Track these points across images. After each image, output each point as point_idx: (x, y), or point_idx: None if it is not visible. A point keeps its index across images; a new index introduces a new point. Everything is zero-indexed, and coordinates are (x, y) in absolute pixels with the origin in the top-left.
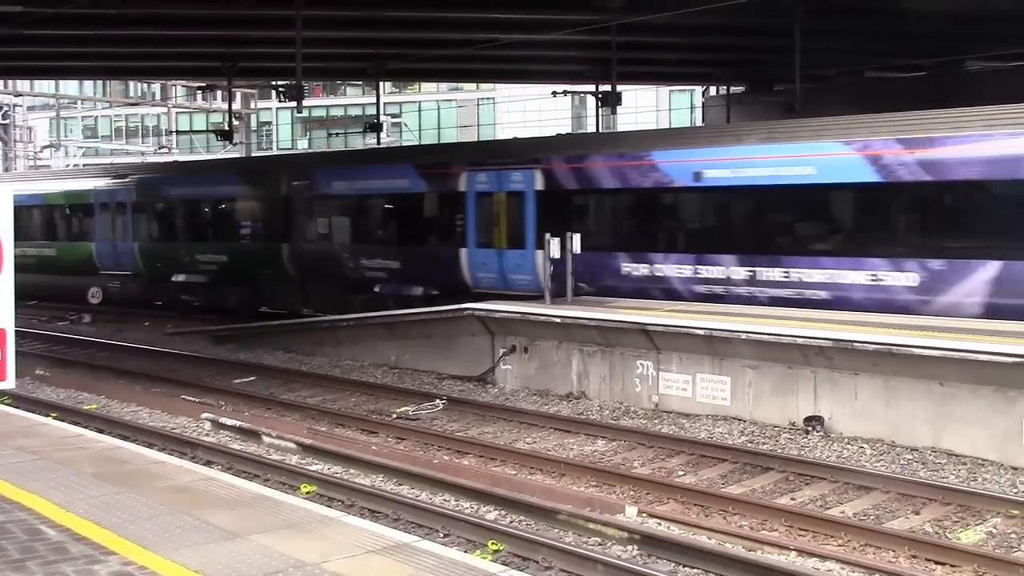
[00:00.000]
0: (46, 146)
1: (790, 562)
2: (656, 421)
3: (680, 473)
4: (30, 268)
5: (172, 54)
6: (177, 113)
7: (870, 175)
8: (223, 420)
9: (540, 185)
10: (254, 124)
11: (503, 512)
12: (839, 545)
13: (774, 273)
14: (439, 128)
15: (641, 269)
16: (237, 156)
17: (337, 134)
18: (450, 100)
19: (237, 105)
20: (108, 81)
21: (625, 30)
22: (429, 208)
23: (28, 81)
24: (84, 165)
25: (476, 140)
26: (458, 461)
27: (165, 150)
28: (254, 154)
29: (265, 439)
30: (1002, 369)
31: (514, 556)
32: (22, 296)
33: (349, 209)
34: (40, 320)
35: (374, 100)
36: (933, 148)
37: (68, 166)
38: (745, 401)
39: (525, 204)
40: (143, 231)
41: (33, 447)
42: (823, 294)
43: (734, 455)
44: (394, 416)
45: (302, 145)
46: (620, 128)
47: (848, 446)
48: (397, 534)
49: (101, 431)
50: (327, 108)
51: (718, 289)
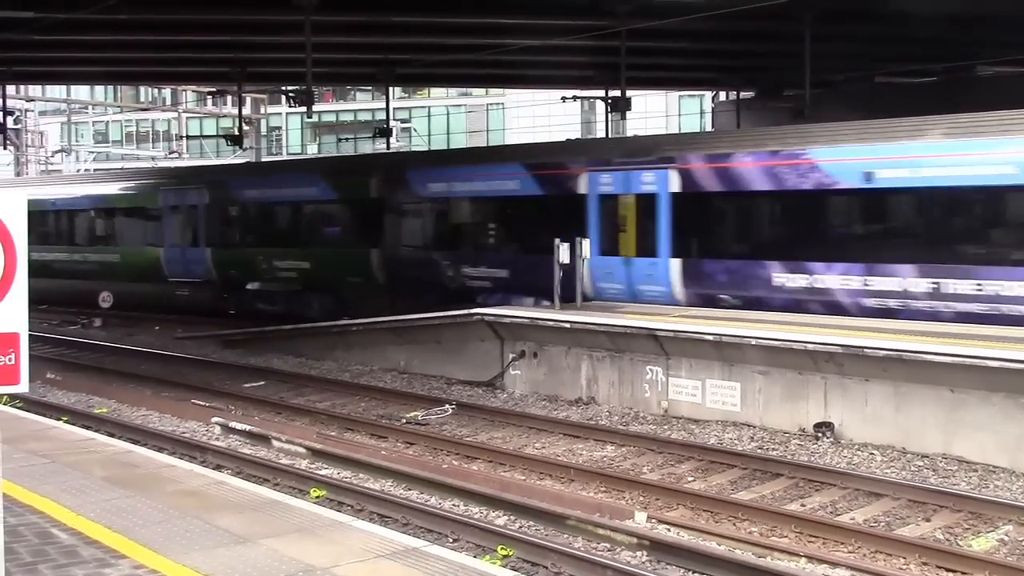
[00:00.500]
0: (57, 151)
1: (800, 568)
2: (665, 427)
3: (689, 479)
4: (91, 275)
5: (182, 59)
6: (187, 118)
7: None
8: (233, 424)
9: (675, 187)
10: (264, 129)
11: (512, 517)
12: (849, 552)
13: (963, 286)
14: (448, 133)
15: (797, 280)
16: (323, 156)
17: (347, 139)
18: (460, 105)
19: (247, 110)
20: (119, 86)
21: (634, 35)
22: (542, 212)
23: (40, 86)
24: (157, 166)
25: (597, 137)
26: (467, 466)
27: (175, 155)
28: (264, 159)
29: (275, 443)
30: (1013, 375)
31: (523, 561)
32: (81, 303)
33: (449, 213)
34: (51, 324)
35: (384, 105)
36: None
37: (79, 171)
38: (755, 407)
39: (657, 208)
40: (216, 236)
41: (44, 451)
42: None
43: (744, 461)
44: (403, 421)
45: (312, 150)
46: (629, 133)
47: (858, 452)
48: (407, 539)
49: (112, 435)
50: (337, 113)
51: (892, 303)
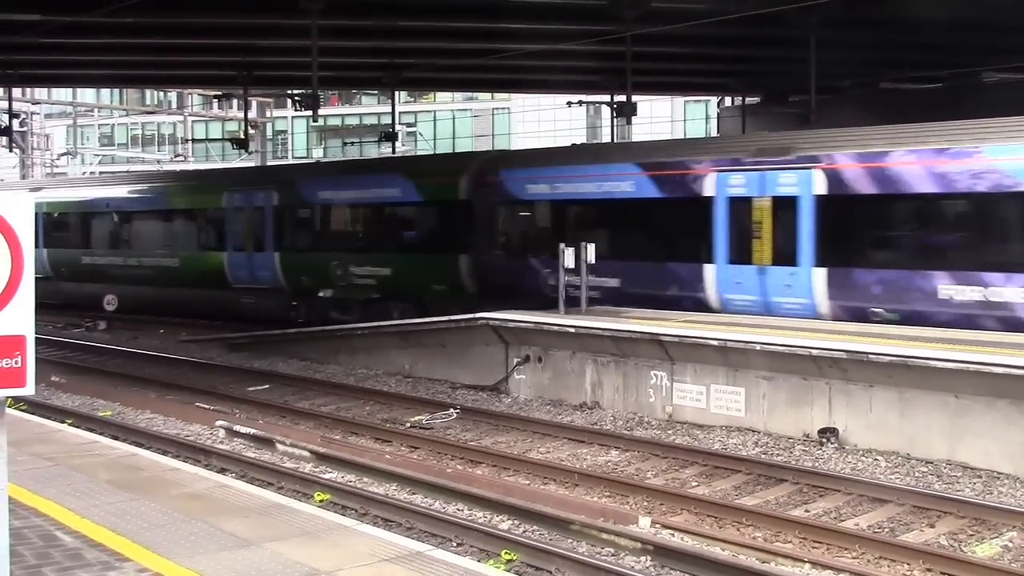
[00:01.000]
0: (63, 153)
1: (804, 574)
2: (670, 432)
3: (694, 484)
4: (148, 280)
5: (188, 63)
6: (193, 121)
7: None
8: (237, 428)
9: (820, 188)
10: (270, 133)
11: (516, 522)
12: (853, 558)
13: None
14: (454, 138)
15: (968, 293)
16: (407, 155)
17: (352, 143)
18: (465, 109)
19: (253, 114)
20: (124, 89)
21: (640, 40)
22: (659, 215)
23: (46, 89)
24: (227, 167)
25: (722, 135)
26: (471, 470)
27: (181, 158)
28: (270, 163)
29: (279, 447)
30: (1018, 382)
31: (527, 566)
32: (134, 310)
33: (549, 216)
34: (56, 327)
35: (389, 109)
36: None
37: (84, 173)
38: (759, 412)
39: (798, 211)
40: (286, 240)
41: (49, 453)
42: None
43: (748, 466)
44: (408, 425)
45: (317, 154)
46: (635, 138)
47: (863, 458)
48: (411, 543)
49: (116, 438)
50: (342, 117)
51: None
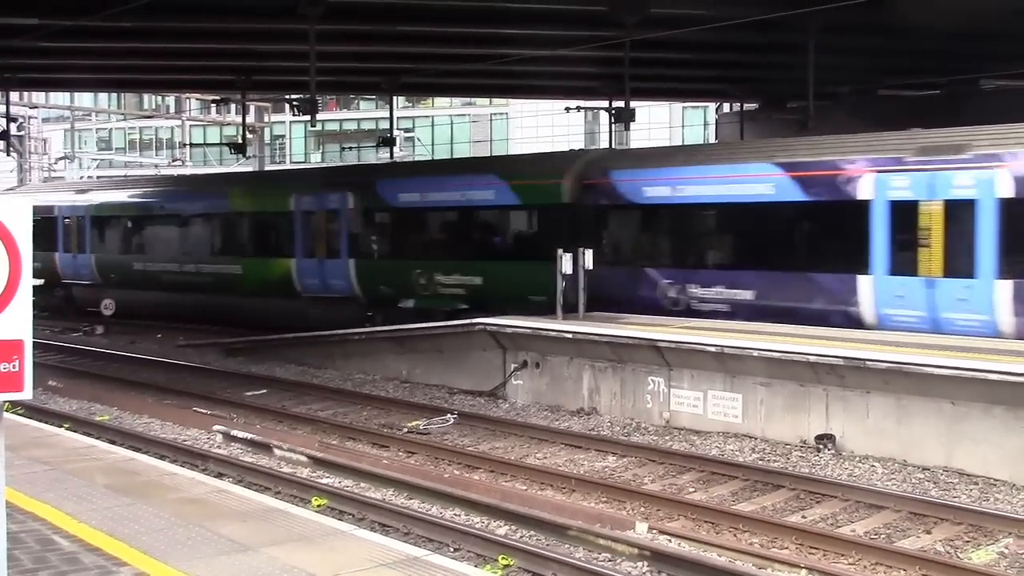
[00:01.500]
0: (60, 158)
1: None
2: (667, 438)
3: (691, 490)
4: (207, 288)
5: (186, 67)
6: (191, 126)
7: None
8: (235, 432)
9: (1005, 190)
10: (268, 137)
11: (513, 527)
12: (850, 563)
13: None
14: (452, 143)
15: None
16: (501, 155)
17: (350, 148)
18: (463, 115)
19: (251, 118)
20: (123, 93)
21: (639, 46)
22: (803, 221)
23: (43, 93)
24: (299, 168)
25: (876, 133)
26: (469, 476)
27: (179, 162)
28: (267, 167)
29: (276, 452)
30: (1014, 388)
31: (524, 571)
32: (196, 320)
33: (669, 221)
34: (53, 331)
35: (387, 114)
36: None
37: (81, 178)
38: (756, 418)
39: (976, 217)
40: (363, 246)
41: (46, 458)
42: None
43: (745, 472)
44: (405, 430)
45: (315, 159)
46: (633, 144)
47: (860, 464)
48: (408, 548)
49: (113, 442)
50: (340, 122)
51: None
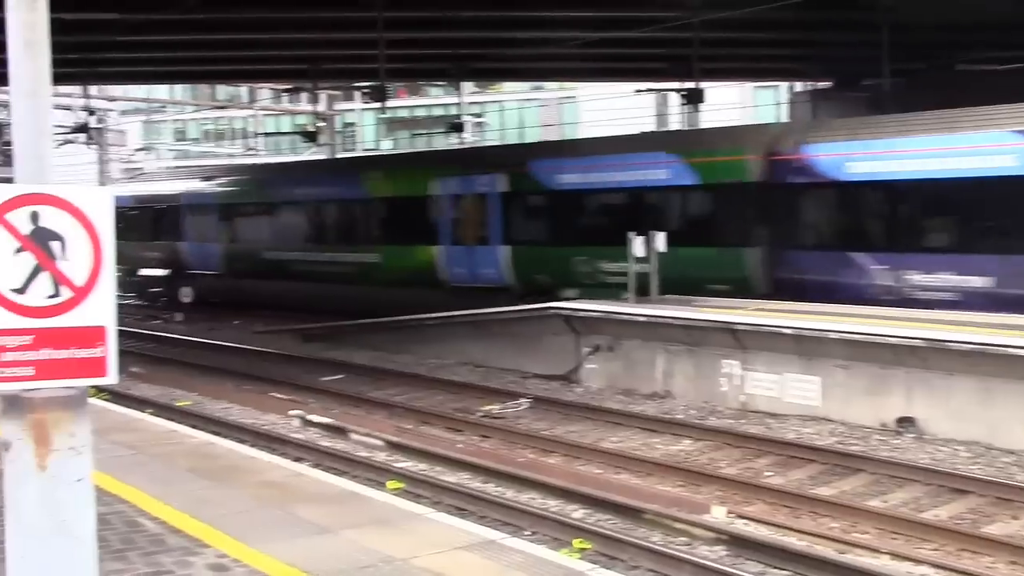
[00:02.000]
0: (138, 149)
1: (882, 565)
2: (743, 421)
3: (768, 474)
4: (342, 278)
5: (258, 57)
6: (263, 116)
7: None
8: (311, 417)
9: None
10: (338, 126)
11: (589, 511)
12: (933, 549)
13: None
14: (521, 127)
15: None
16: (675, 129)
17: (420, 135)
18: (532, 99)
19: (322, 107)
20: (197, 85)
21: (708, 26)
22: None
23: (121, 86)
24: (438, 149)
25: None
26: (544, 460)
27: (252, 152)
28: (338, 156)
29: (352, 436)
30: None
31: (600, 555)
32: (331, 312)
33: (878, 201)
34: (135, 319)
35: (457, 100)
36: None
37: (159, 169)
38: (835, 401)
39: None
40: (517, 231)
41: (131, 442)
42: None
43: (823, 456)
44: (479, 414)
45: (385, 146)
46: (703, 125)
47: (942, 448)
48: (484, 531)
49: (195, 427)
50: (410, 109)
51: None
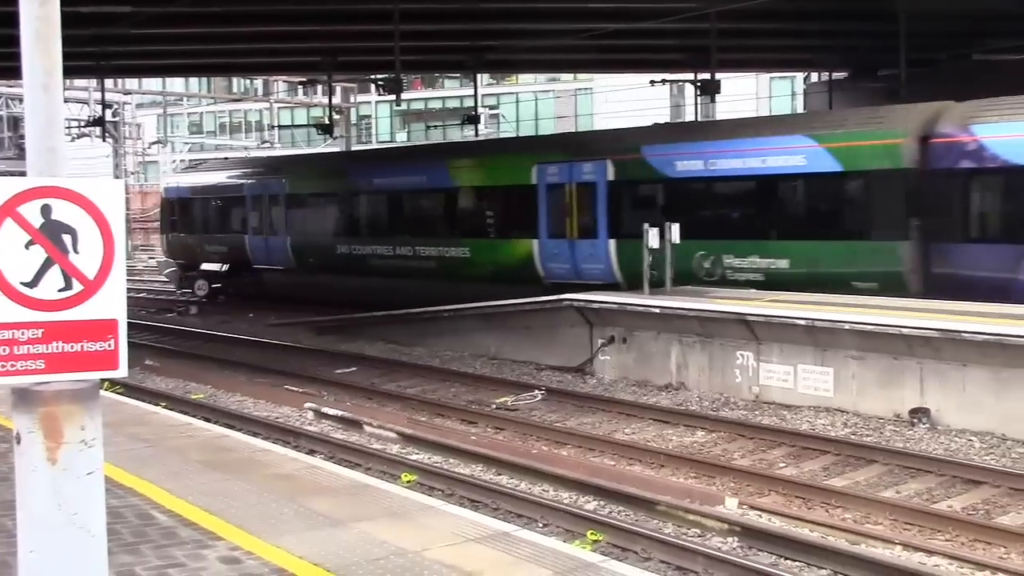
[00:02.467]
0: (154, 142)
1: (895, 556)
2: (756, 412)
3: (781, 465)
4: (422, 274)
5: (274, 50)
6: (279, 108)
7: None
8: (325, 410)
9: None
10: (354, 118)
11: (602, 503)
12: (947, 540)
13: None
14: (537, 119)
15: None
16: (805, 112)
17: (435, 126)
18: (548, 91)
19: (337, 99)
20: (212, 78)
21: (724, 17)
22: None
23: (136, 79)
24: (530, 136)
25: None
26: (557, 451)
27: (267, 144)
28: (353, 148)
29: (366, 428)
30: None
31: (613, 546)
32: (400, 307)
33: None
34: (149, 312)
35: (472, 92)
36: None
37: (174, 162)
38: (848, 392)
39: None
40: (627, 224)
41: (144, 435)
42: None
43: (837, 447)
44: (493, 406)
45: (400, 138)
46: (719, 116)
47: (956, 439)
48: (497, 523)
49: (208, 420)
50: (425, 101)
51: None
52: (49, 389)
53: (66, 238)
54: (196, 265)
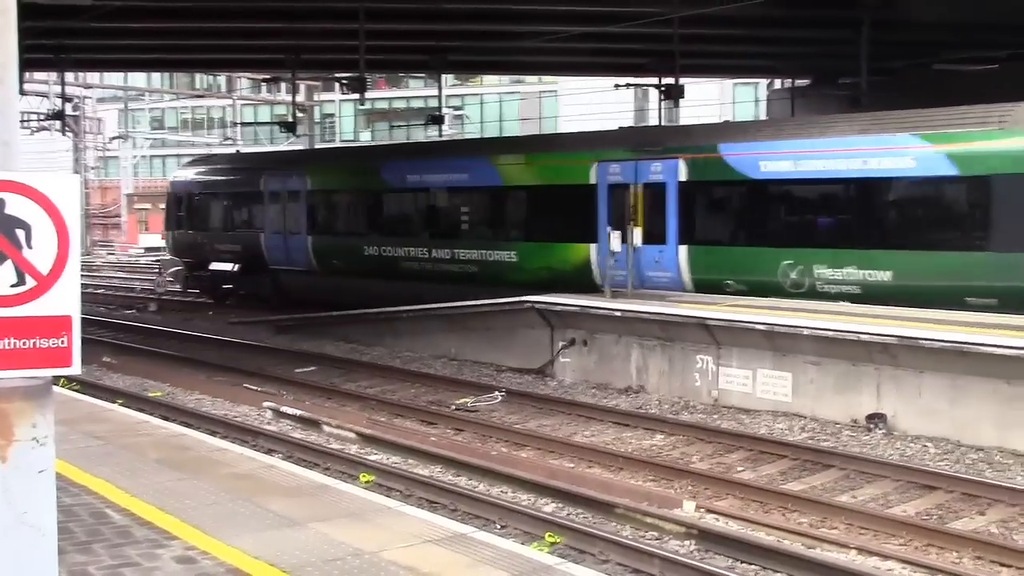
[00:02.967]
0: (114, 137)
1: (850, 560)
2: (715, 416)
3: (739, 469)
4: (462, 278)
5: (237, 46)
6: (242, 105)
7: None
8: (284, 409)
9: None
10: (317, 116)
11: (560, 505)
12: (901, 544)
13: None
14: (501, 120)
15: None
16: (916, 110)
17: (399, 126)
18: (512, 92)
19: (301, 97)
20: (175, 73)
21: (688, 22)
22: None
23: (97, 73)
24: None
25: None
26: (516, 453)
27: (230, 141)
28: (316, 146)
29: (325, 428)
30: None
31: (571, 549)
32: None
33: None
34: (108, 308)
35: (436, 93)
36: None
37: (135, 157)
38: (807, 397)
39: None
40: (699, 228)
41: (100, 432)
42: None
43: (794, 452)
44: (453, 408)
45: (365, 137)
46: (683, 121)
47: (911, 444)
48: (455, 525)
49: (166, 418)
50: (390, 100)
51: None
52: (0, 386)
53: (19, 233)
54: (204, 264)
